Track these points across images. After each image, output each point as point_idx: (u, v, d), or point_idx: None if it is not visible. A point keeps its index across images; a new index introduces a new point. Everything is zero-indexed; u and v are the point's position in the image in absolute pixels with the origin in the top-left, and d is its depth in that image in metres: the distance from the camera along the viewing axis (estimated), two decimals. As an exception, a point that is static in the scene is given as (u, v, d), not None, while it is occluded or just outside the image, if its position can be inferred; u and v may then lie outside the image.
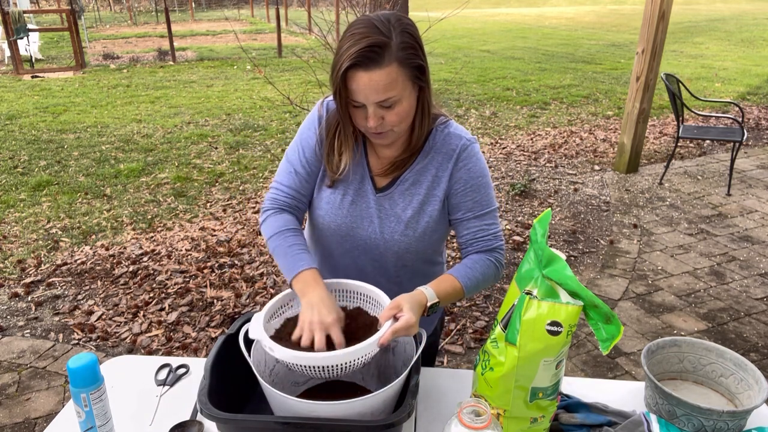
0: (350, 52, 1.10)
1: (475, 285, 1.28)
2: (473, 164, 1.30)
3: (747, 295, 3.26)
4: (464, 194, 1.30)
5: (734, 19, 18.28)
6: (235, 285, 3.35)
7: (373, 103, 1.14)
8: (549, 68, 10.22)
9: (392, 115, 1.17)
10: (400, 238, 1.31)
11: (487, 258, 1.31)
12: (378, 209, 1.31)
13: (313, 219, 1.39)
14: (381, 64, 1.10)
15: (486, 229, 1.31)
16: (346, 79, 1.13)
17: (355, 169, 1.32)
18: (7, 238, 3.97)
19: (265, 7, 20.25)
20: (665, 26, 4.65)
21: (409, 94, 1.18)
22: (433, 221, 1.31)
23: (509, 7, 25.20)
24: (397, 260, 1.34)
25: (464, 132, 1.32)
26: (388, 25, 1.12)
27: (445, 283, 1.24)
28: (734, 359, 1.22)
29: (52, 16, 16.55)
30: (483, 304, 3.18)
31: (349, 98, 1.16)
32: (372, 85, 1.11)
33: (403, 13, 4.90)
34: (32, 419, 2.38)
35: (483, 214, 1.31)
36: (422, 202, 1.30)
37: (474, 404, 0.94)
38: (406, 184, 1.31)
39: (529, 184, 4.75)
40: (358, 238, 1.33)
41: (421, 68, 1.17)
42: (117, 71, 10.18)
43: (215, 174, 5.10)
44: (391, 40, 1.11)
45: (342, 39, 1.15)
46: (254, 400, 1.22)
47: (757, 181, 4.97)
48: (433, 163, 1.30)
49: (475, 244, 1.32)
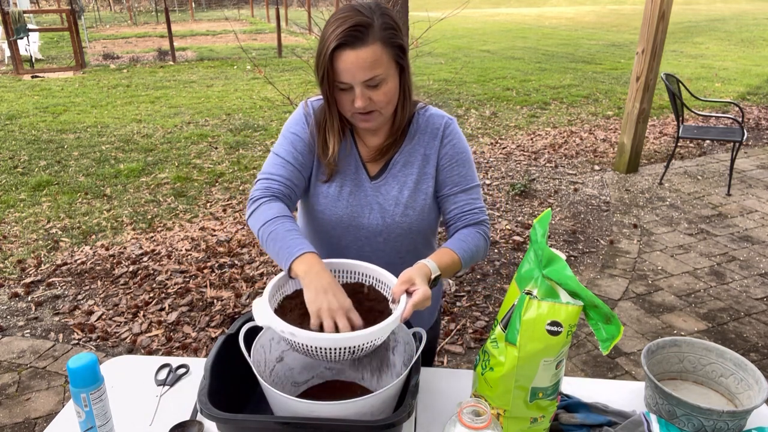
0: (336, 33, 1.15)
1: (471, 257, 1.32)
2: (457, 140, 1.36)
3: (747, 295, 3.26)
4: (450, 169, 1.35)
5: (734, 19, 18.28)
6: (235, 285, 3.35)
7: (360, 82, 1.18)
8: (549, 68, 10.22)
9: (379, 94, 1.20)
10: (401, 220, 1.34)
11: (476, 231, 1.36)
12: (375, 195, 1.34)
13: (312, 216, 1.39)
14: (366, 42, 1.15)
15: (472, 202, 1.37)
16: (333, 59, 1.16)
17: (347, 161, 1.35)
18: (7, 238, 3.97)
19: (265, 7, 20.25)
20: (665, 26, 4.65)
21: (394, 73, 1.22)
22: (429, 199, 1.36)
23: (509, 7, 25.20)
24: (401, 244, 1.37)
25: (443, 113, 1.38)
26: (370, 9, 1.18)
27: (444, 256, 1.27)
28: (734, 359, 1.22)
29: (52, 16, 16.56)
30: (483, 304, 3.18)
31: (336, 81, 1.19)
32: (359, 63, 1.15)
33: (402, 13, 4.87)
34: (32, 419, 2.38)
35: (469, 189, 1.37)
36: (417, 182, 1.34)
37: (474, 404, 0.94)
38: (398, 167, 1.35)
39: (529, 184, 4.75)
40: (361, 227, 1.35)
41: (403, 48, 1.22)
42: (117, 71, 10.18)
43: (215, 174, 5.10)
44: (373, 21, 1.17)
45: (326, 26, 1.20)
46: (254, 400, 1.22)
47: (757, 181, 4.97)
48: (421, 143, 1.35)
49: (464, 218, 1.36)
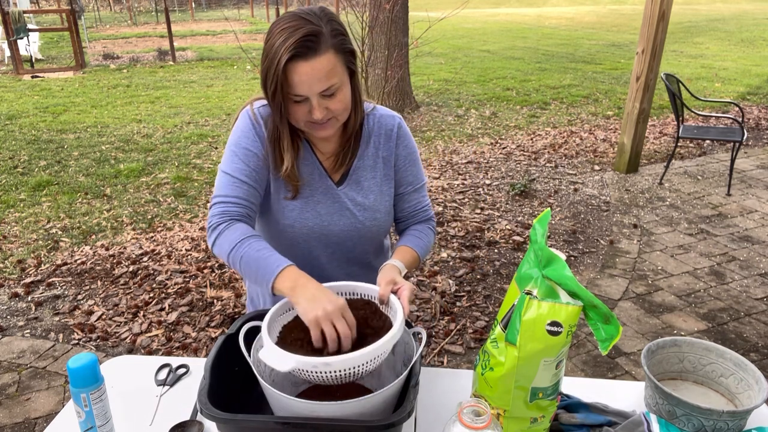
0: (287, 44, 1.09)
1: (425, 251, 1.38)
2: (408, 140, 1.38)
3: (747, 295, 3.26)
4: (405, 169, 1.38)
5: (734, 19, 18.27)
6: (235, 285, 3.35)
7: (317, 93, 1.14)
8: (549, 68, 10.22)
9: (335, 102, 1.17)
10: (371, 224, 1.35)
11: (428, 227, 1.43)
12: (345, 201, 1.34)
13: (278, 231, 1.33)
14: (319, 52, 1.11)
15: (422, 200, 1.42)
16: (287, 72, 1.11)
17: (309, 170, 1.32)
18: (7, 238, 3.97)
19: (265, 7, 20.25)
20: (665, 26, 4.65)
21: (347, 80, 1.19)
22: (391, 199, 1.39)
23: (509, 7, 25.19)
24: (370, 245, 1.40)
25: (391, 111, 1.38)
26: (316, 16, 1.13)
27: (406, 254, 1.32)
28: (734, 359, 1.22)
29: (52, 16, 16.55)
30: (483, 304, 3.18)
31: (289, 94, 1.14)
32: (315, 74, 1.11)
33: (403, 13, 4.86)
34: (32, 419, 2.38)
35: (420, 187, 1.41)
36: (380, 184, 1.36)
37: (474, 404, 0.94)
38: (360, 171, 1.34)
39: (529, 184, 4.75)
40: (332, 234, 1.34)
41: (353, 53, 1.20)
42: (117, 71, 10.18)
43: (215, 174, 5.09)
44: (322, 28, 1.12)
45: (271, 37, 1.12)
46: (254, 400, 1.22)
47: (757, 181, 4.97)
48: (378, 147, 1.35)
49: (416, 216, 1.42)
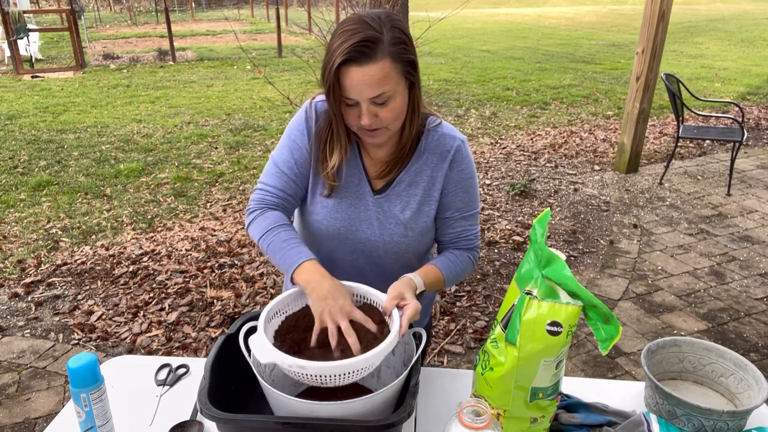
0: (343, 47, 1.09)
1: (454, 278, 1.33)
2: (465, 165, 1.32)
3: (747, 295, 3.26)
4: (455, 194, 1.32)
5: (734, 19, 18.27)
6: (235, 285, 3.35)
7: (367, 99, 1.13)
8: (549, 68, 10.22)
9: (386, 111, 1.16)
10: (400, 240, 1.31)
11: (468, 255, 1.36)
12: (377, 211, 1.31)
13: (309, 225, 1.36)
14: (374, 59, 1.09)
15: (469, 229, 1.36)
16: (339, 75, 1.12)
17: (351, 172, 1.31)
18: (7, 238, 3.97)
19: (265, 7, 20.24)
20: (665, 26, 4.65)
21: (402, 89, 1.17)
22: (430, 221, 1.33)
23: (509, 7, 25.18)
24: (396, 261, 1.34)
25: (456, 132, 1.33)
26: (379, 22, 1.12)
27: (430, 273, 1.27)
28: (734, 359, 1.22)
29: (52, 16, 16.54)
30: (483, 304, 3.18)
31: (342, 96, 1.15)
32: (366, 81, 1.10)
33: (402, 13, 4.88)
34: (32, 419, 2.38)
35: (469, 215, 1.35)
36: (420, 203, 1.31)
37: (474, 404, 0.94)
38: (403, 185, 1.30)
39: (529, 184, 4.75)
40: (357, 240, 1.32)
41: (413, 63, 1.17)
42: (117, 71, 10.18)
43: (215, 174, 5.10)
44: (382, 35, 1.10)
45: (333, 37, 1.14)
46: (254, 400, 1.22)
47: (757, 181, 4.97)
48: (429, 164, 1.30)
49: (458, 243, 1.36)
